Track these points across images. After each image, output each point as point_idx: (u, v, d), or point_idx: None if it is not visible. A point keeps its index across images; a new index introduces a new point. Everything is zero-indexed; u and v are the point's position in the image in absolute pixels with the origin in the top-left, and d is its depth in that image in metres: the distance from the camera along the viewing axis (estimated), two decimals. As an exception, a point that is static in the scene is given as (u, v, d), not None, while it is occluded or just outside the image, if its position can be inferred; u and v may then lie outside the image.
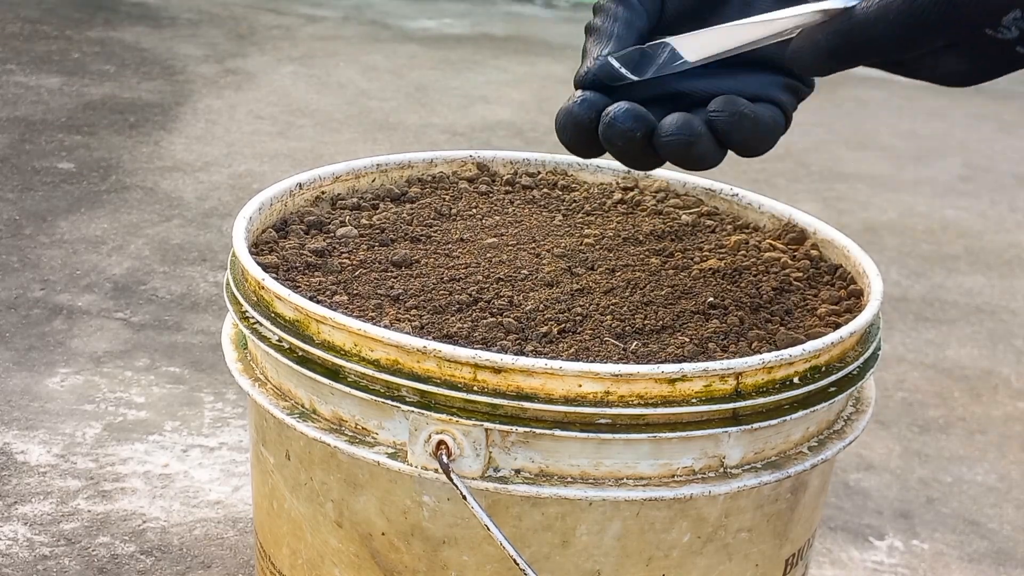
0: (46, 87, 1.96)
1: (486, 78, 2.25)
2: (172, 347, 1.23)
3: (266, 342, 0.60)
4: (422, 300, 0.62)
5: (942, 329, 1.46)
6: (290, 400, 0.61)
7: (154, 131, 1.82)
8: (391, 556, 0.60)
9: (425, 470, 0.56)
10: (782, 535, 0.63)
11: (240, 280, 0.63)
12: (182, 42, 2.28)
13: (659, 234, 0.72)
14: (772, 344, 0.60)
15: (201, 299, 1.33)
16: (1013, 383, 1.34)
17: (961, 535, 1.07)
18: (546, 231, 0.72)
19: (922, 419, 1.25)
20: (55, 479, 1.01)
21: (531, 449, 0.56)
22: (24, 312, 1.27)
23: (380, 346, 0.56)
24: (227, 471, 1.04)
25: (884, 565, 1.01)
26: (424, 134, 1.93)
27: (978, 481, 1.15)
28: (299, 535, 0.64)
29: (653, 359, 0.58)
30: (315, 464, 0.61)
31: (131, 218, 1.52)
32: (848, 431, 0.63)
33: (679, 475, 0.57)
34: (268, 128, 1.88)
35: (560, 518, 0.58)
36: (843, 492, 1.11)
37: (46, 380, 1.15)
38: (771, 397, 0.57)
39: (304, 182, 0.73)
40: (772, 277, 0.68)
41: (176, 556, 0.93)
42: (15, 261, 1.37)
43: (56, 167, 1.65)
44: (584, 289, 0.65)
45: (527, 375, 0.54)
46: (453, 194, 0.77)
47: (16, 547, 0.93)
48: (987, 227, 1.82)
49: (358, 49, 2.36)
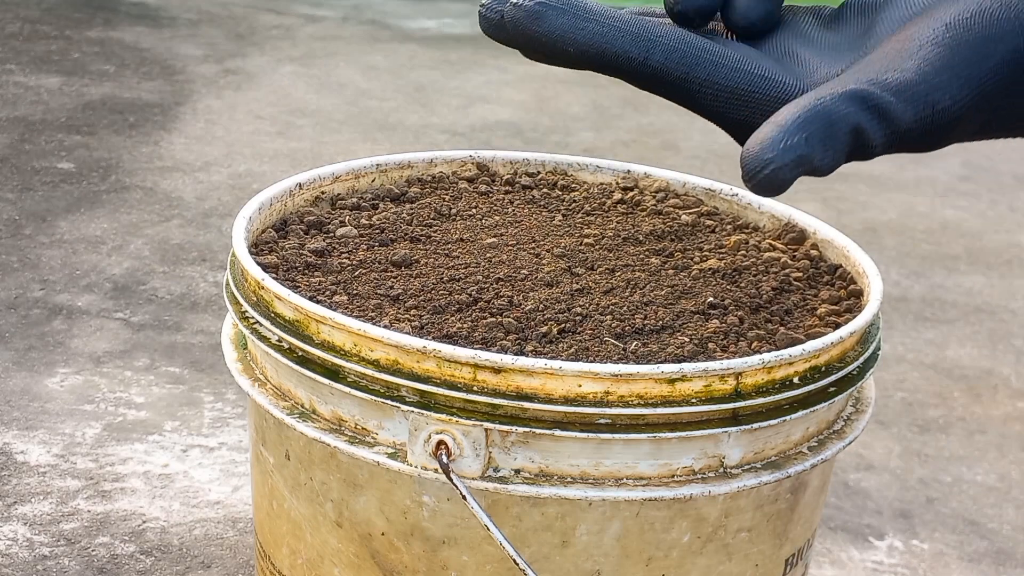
0: (46, 87, 1.96)
1: (486, 78, 2.25)
2: (172, 347, 1.23)
3: (266, 342, 0.60)
4: (422, 300, 0.62)
5: (942, 329, 1.46)
6: (290, 400, 0.61)
7: (154, 131, 1.82)
8: (391, 556, 0.60)
9: (425, 470, 0.56)
10: (782, 535, 0.63)
11: (240, 280, 0.63)
12: (182, 42, 2.28)
13: (659, 234, 0.72)
14: (772, 344, 0.60)
15: (201, 299, 1.33)
16: (1013, 383, 1.34)
17: (961, 535, 1.07)
18: (546, 231, 0.72)
19: (922, 419, 1.25)
20: (55, 479, 1.01)
21: (531, 449, 0.56)
22: (24, 312, 1.27)
23: (380, 346, 0.56)
24: (227, 471, 1.04)
25: (884, 565, 1.01)
26: (424, 134, 1.93)
27: (978, 481, 1.15)
28: (299, 535, 0.64)
29: (653, 359, 0.58)
30: (315, 464, 0.61)
31: (131, 218, 1.52)
32: (848, 431, 0.63)
33: (679, 475, 0.57)
34: (268, 128, 1.88)
35: (560, 518, 0.58)
36: (843, 492, 1.11)
37: (46, 380, 1.15)
38: (771, 397, 0.57)
39: (304, 182, 0.73)
40: (772, 277, 0.68)
41: (176, 556, 0.93)
42: (15, 261, 1.37)
43: (56, 167, 1.65)
44: (584, 289, 0.65)
45: (527, 375, 0.54)
46: (453, 194, 0.77)
47: (16, 547, 0.93)
48: (987, 227, 1.82)
49: (358, 49, 2.36)
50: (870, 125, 0.45)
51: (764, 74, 0.49)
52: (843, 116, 0.45)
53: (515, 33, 0.50)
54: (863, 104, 0.45)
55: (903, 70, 0.47)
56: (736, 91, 0.48)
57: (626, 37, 0.49)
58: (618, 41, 0.49)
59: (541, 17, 0.49)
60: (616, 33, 0.49)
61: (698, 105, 0.49)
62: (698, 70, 0.49)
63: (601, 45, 0.49)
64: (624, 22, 0.49)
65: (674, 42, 0.49)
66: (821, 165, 0.44)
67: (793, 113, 0.44)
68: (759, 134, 0.44)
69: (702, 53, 0.49)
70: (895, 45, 0.48)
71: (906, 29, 0.49)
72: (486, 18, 0.51)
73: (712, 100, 0.49)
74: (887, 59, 0.48)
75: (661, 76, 0.49)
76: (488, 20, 0.51)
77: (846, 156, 0.46)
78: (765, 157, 0.44)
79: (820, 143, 0.44)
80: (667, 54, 0.49)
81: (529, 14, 0.49)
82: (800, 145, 0.44)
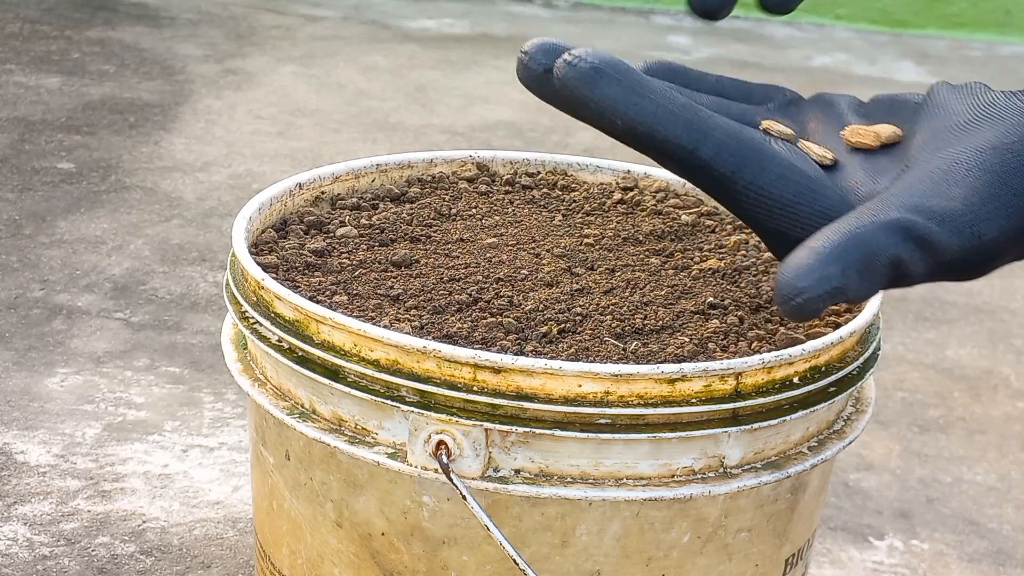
0: (46, 87, 1.96)
1: (486, 78, 2.25)
2: (172, 347, 1.23)
3: (266, 342, 0.60)
4: (422, 300, 0.62)
5: (942, 329, 1.46)
6: (290, 400, 0.61)
7: (154, 131, 1.82)
8: (391, 556, 0.60)
9: (425, 470, 0.56)
10: (782, 535, 0.63)
11: (240, 280, 0.63)
12: (182, 42, 2.28)
13: (659, 234, 0.72)
14: (772, 344, 0.61)
15: (201, 299, 1.33)
16: (1013, 383, 1.34)
17: (961, 535, 1.07)
18: (546, 231, 0.72)
19: (922, 419, 1.25)
20: (55, 479, 1.01)
21: (531, 449, 0.56)
22: (24, 312, 1.27)
23: (380, 346, 0.56)
24: (227, 471, 1.04)
25: (884, 565, 1.01)
26: (424, 134, 1.93)
27: (978, 481, 1.15)
28: (299, 535, 0.64)
29: (653, 359, 0.58)
30: (315, 464, 0.61)
31: (131, 218, 1.52)
32: (848, 431, 0.63)
33: (679, 475, 0.57)
34: (268, 128, 1.88)
35: (560, 518, 0.58)
36: (843, 492, 1.11)
37: (46, 380, 1.15)
38: (771, 397, 0.57)
39: (304, 182, 0.73)
40: (772, 277, 0.68)
41: (176, 556, 0.93)
42: (15, 261, 1.37)
43: (56, 167, 1.65)
44: (584, 289, 0.65)
45: (527, 375, 0.54)
46: (453, 194, 0.77)
47: (16, 547, 0.93)
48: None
49: (358, 49, 2.36)
50: (911, 256, 0.44)
51: (811, 186, 0.47)
52: (883, 247, 0.43)
53: (563, 93, 0.47)
54: (905, 235, 0.44)
55: (949, 197, 0.45)
56: (780, 200, 0.47)
57: (679, 123, 0.47)
58: (670, 125, 0.47)
59: (595, 84, 0.46)
60: (669, 116, 0.47)
61: (737, 206, 0.48)
62: (745, 171, 0.47)
63: (652, 125, 0.46)
64: (679, 106, 0.47)
65: (726, 137, 0.47)
66: (856, 296, 0.43)
67: (831, 240, 0.43)
68: (795, 259, 0.43)
69: (752, 153, 0.47)
70: (939, 165, 0.46)
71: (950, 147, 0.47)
72: (528, 69, 0.48)
73: (753, 204, 0.47)
74: (931, 182, 0.46)
75: (707, 169, 0.47)
76: (530, 72, 0.48)
77: (883, 286, 0.44)
78: (799, 285, 0.42)
79: (857, 274, 0.43)
80: (718, 148, 0.47)
81: (582, 77, 0.46)
82: (836, 276, 0.42)
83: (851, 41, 2.74)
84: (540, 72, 0.48)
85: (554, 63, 0.47)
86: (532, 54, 0.48)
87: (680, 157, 0.47)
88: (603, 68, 0.46)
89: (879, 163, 0.50)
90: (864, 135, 0.52)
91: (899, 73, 2.53)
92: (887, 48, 2.71)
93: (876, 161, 0.50)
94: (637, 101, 0.46)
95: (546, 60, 0.48)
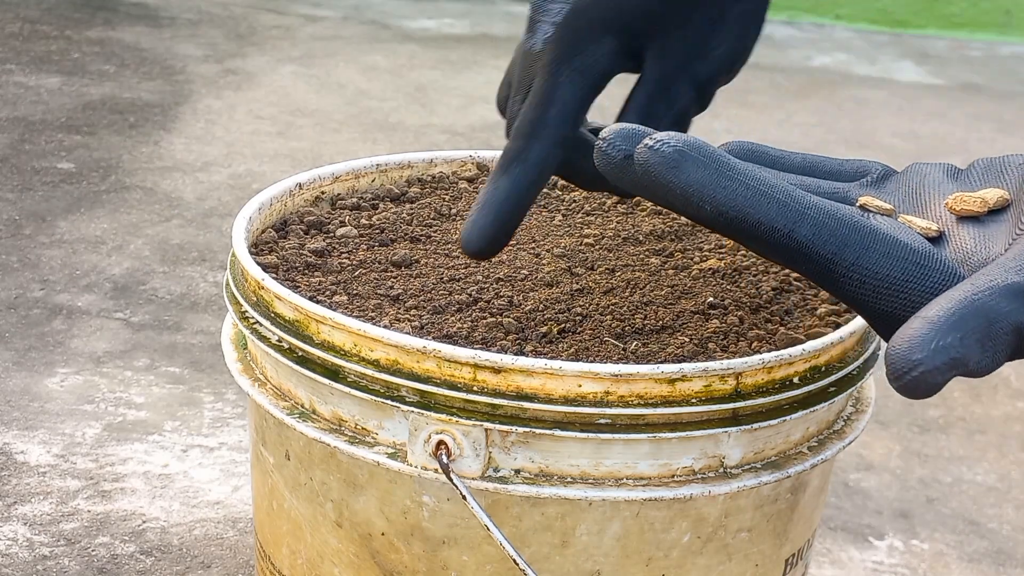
0: (46, 87, 1.96)
1: (486, 78, 2.25)
2: (172, 347, 1.23)
3: (266, 342, 0.60)
4: (422, 300, 0.62)
5: (942, 329, 1.46)
6: (290, 400, 0.61)
7: (154, 131, 1.82)
8: (391, 556, 0.60)
9: (425, 470, 0.56)
10: (782, 535, 0.63)
11: (240, 280, 0.63)
12: (182, 42, 2.28)
13: (659, 234, 0.72)
14: (772, 344, 0.61)
15: (201, 299, 1.33)
16: (1013, 383, 1.34)
17: (961, 535, 1.07)
18: (546, 231, 0.72)
19: (922, 419, 1.25)
20: (55, 479, 1.01)
21: (531, 449, 0.56)
22: (24, 312, 1.27)
23: (380, 346, 0.56)
24: (227, 471, 1.04)
25: (884, 565, 1.01)
26: (424, 134, 1.93)
27: (978, 481, 1.15)
28: (299, 535, 0.64)
29: (653, 359, 0.58)
30: (315, 464, 0.61)
31: (131, 218, 1.52)
32: (848, 431, 0.63)
33: (679, 475, 0.57)
34: (268, 128, 1.88)
35: (560, 518, 0.58)
36: (843, 492, 1.11)
37: (46, 380, 1.15)
38: (771, 397, 0.57)
39: (304, 182, 0.73)
40: (772, 277, 0.68)
41: (176, 556, 0.93)
42: (15, 261, 1.37)
43: (56, 167, 1.65)
44: (584, 289, 0.65)
45: (527, 375, 0.54)
46: (453, 194, 0.77)
47: (16, 547, 0.93)
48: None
49: (358, 49, 2.36)
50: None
51: (919, 261, 0.44)
52: (1004, 314, 0.40)
53: (646, 180, 0.44)
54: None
55: None
56: (887, 279, 0.43)
57: (772, 204, 0.43)
58: (763, 208, 0.43)
59: (679, 168, 0.43)
60: (761, 198, 0.43)
61: (840, 289, 0.44)
62: (848, 252, 0.44)
63: (743, 209, 0.43)
64: (770, 186, 0.44)
65: (824, 216, 0.44)
66: (978, 368, 0.40)
67: (947, 308, 0.40)
68: (907, 330, 0.40)
69: (852, 232, 0.44)
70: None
71: None
72: (607, 155, 0.46)
73: (857, 286, 0.44)
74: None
75: (804, 252, 0.44)
76: (609, 159, 0.46)
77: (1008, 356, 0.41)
78: (914, 358, 0.39)
79: (977, 344, 0.40)
80: (816, 229, 0.43)
81: (666, 161, 0.43)
82: (954, 346, 0.39)
83: (851, 41, 2.74)
84: (620, 159, 0.45)
85: (635, 149, 0.45)
86: (612, 140, 0.46)
87: (775, 241, 0.44)
88: (687, 151, 0.43)
89: (988, 230, 0.47)
90: (970, 202, 0.48)
91: (899, 73, 2.53)
92: (887, 48, 2.71)
93: (985, 228, 0.47)
94: (726, 184, 0.43)
95: (626, 146, 0.45)
